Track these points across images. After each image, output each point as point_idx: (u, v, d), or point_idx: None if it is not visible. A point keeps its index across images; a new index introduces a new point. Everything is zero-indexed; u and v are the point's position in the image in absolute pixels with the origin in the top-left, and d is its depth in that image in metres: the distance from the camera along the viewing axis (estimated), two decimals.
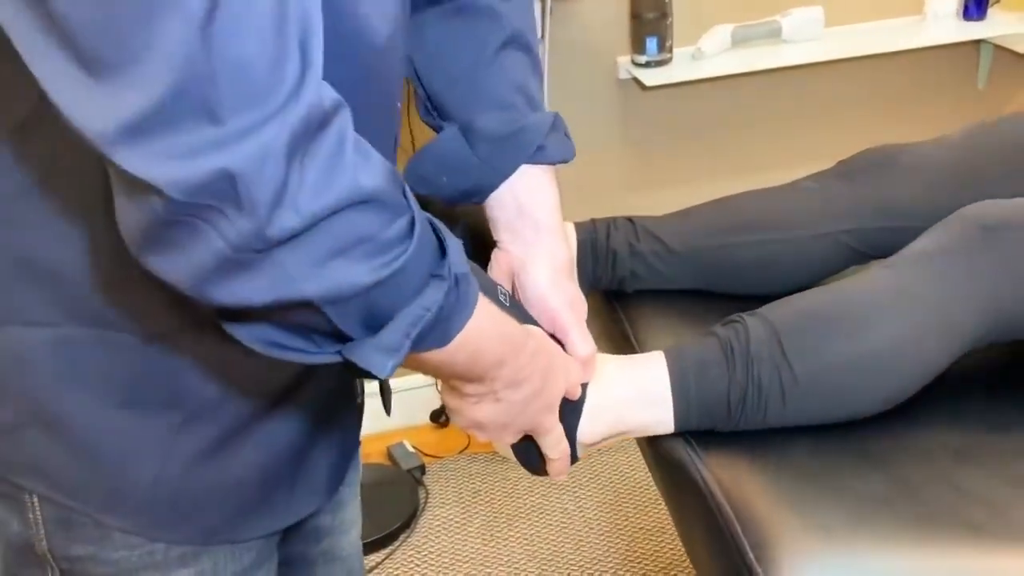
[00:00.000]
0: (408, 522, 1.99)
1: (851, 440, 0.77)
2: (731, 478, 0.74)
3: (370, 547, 1.92)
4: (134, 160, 0.43)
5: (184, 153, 0.43)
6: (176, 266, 0.48)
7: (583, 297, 0.80)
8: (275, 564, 0.82)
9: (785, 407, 0.76)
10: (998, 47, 2.03)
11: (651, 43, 1.84)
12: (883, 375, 0.76)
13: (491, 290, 0.73)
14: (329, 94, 0.47)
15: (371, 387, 0.82)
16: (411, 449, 2.15)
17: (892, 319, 0.76)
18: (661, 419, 0.78)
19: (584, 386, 0.77)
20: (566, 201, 0.82)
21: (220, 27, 0.41)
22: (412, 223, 0.52)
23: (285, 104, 0.44)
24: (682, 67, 1.87)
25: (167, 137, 0.42)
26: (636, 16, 1.85)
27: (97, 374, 0.65)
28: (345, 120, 0.48)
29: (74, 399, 0.66)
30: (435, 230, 0.56)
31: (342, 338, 0.55)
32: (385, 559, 1.91)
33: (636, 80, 1.91)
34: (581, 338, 0.76)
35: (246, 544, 0.76)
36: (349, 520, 0.96)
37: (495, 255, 0.81)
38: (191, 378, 0.66)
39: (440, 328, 0.57)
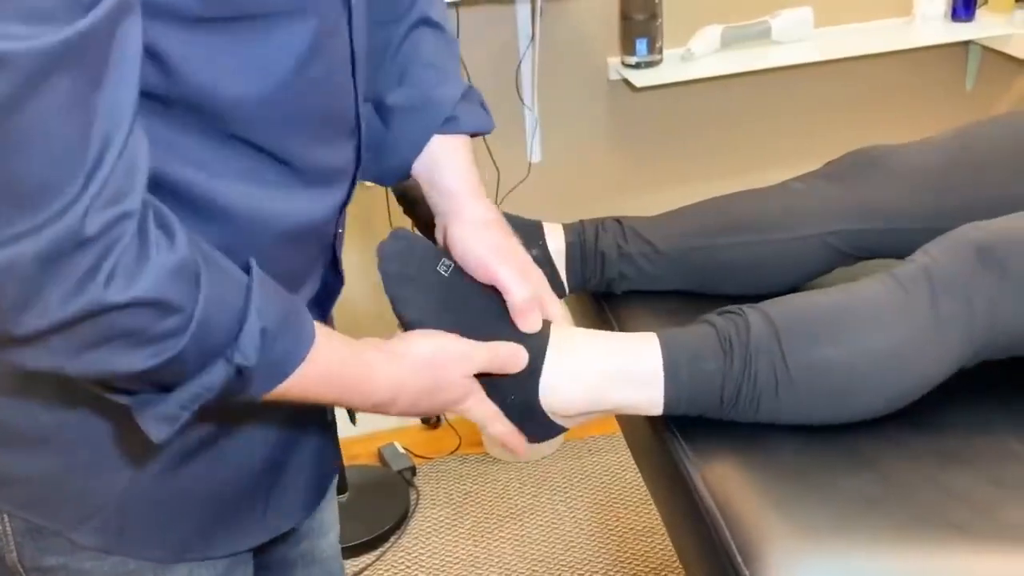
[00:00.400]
0: (399, 523, 1.98)
1: (839, 441, 0.77)
2: (719, 478, 0.74)
3: (360, 549, 1.91)
4: None
5: None
6: None
7: (517, 247, 0.81)
8: (250, 569, 0.82)
9: (778, 404, 0.76)
10: (986, 48, 2.04)
11: (641, 44, 1.84)
12: (875, 383, 0.77)
13: (424, 265, 0.76)
14: (106, 214, 0.49)
15: None
16: (402, 450, 2.15)
17: (891, 330, 0.76)
18: (650, 399, 0.77)
19: (539, 345, 0.76)
20: (555, 200, 0.82)
21: (4, 143, 0.45)
22: (188, 320, 0.54)
23: (42, 225, 0.47)
24: (672, 68, 1.87)
25: None
26: (626, 17, 1.85)
27: (62, 391, 0.65)
28: (119, 234, 0.50)
29: (38, 417, 0.66)
30: (244, 309, 0.57)
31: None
32: (376, 560, 1.91)
33: (626, 81, 1.92)
34: (514, 282, 0.76)
35: None
36: (327, 522, 0.96)
37: (436, 233, 0.82)
38: None
39: (240, 395, 0.59)
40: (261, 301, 0.58)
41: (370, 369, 0.67)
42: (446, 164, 0.79)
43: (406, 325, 0.77)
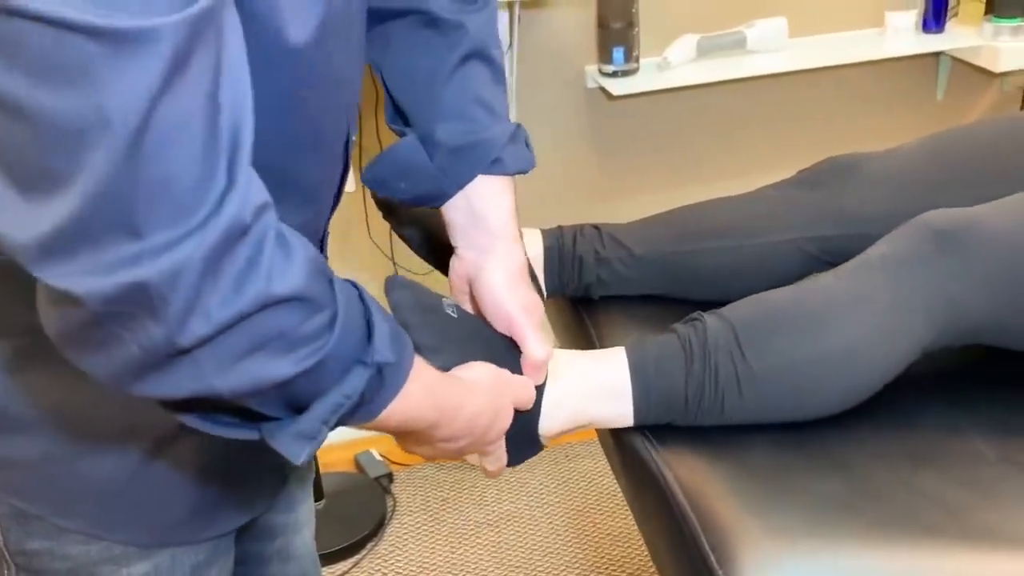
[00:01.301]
0: (375, 530, 1.98)
1: (811, 443, 0.78)
2: (693, 479, 0.75)
3: (337, 556, 1.90)
4: (53, 273, 0.44)
5: (102, 268, 0.44)
6: (95, 364, 0.49)
7: (540, 300, 0.81)
8: (231, 559, 0.82)
9: (742, 402, 0.77)
10: (956, 59, 2.07)
11: (618, 53, 1.85)
12: (838, 375, 0.78)
13: (436, 310, 0.75)
14: (253, 201, 0.47)
15: None
16: (378, 457, 2.14)
17: (847, 321, 0.77)
18: (621, 412, 0.79)
19: (540, 388, 0.78)
20: (534, 207, 0.83)
21: (148, 148, 0.42)
22: (333, 317, 0.53)
23: (204, 221, 0.45)
24: (648, 77, 1.88)
25: (86, 252, 0.44)
26: (603, 26, 1.86)
27: (47, 377, 0.65)
28: (266, 224, 0.48)
29: (22, 402, 0.66)
30: (366, 312, 0.57)
31: (264, 416, 0.56)
32: (352, 567, 1.90)
33: (603, 89, 1.93)
34: (537, 342, 0.77)
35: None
36: (302, 519, 0.97)
37: (453, 260, 0.82)
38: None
39: (364, 408, 0.58)
40: (374, 304, 0.58)
41: (458, 389, 0.68)
42: (491, 205, 0.79)
43: (420, 350, 0.77)
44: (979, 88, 2.18)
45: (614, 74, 1.87)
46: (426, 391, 0.63)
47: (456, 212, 0.79)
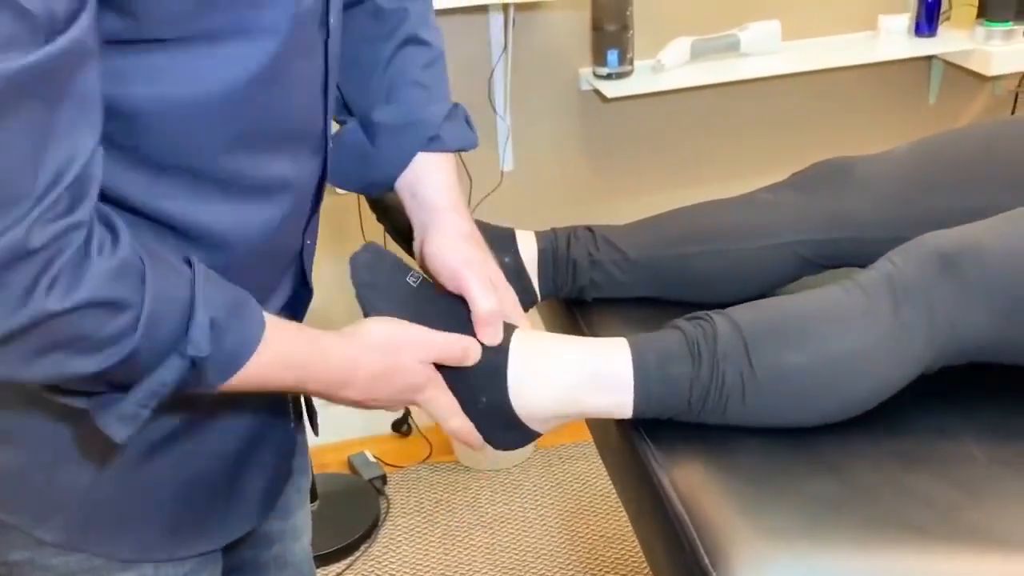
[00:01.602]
0: (369, 532, 1.98)
1: (804, 444, 0.78)
2: (687, 481, 0.75)
3: (330, 557, 1.90)
4: None
5: None
6: None
7: (488, 259, 0.82)
8: (218, 569, 0.82)
9: (744, 408, 0.78)
10: (948, 63, 2.08)
11: (612, 55, 1.86)
12: (839, 388, 0.78)
13: (394, 273, 0.77)
14: (52, 228, 0.50)
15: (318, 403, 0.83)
16: (372, 459, 2.14)
17: (854, 336, 0.78)
18: (620, 404, 0.79)
19: (501, 349, 0.77)
20: (528, 209, 0.83)
21: None
22: (137, 318, 0.55)
23: None
24: (642, 79, 1.89)
25: None
26: (598, 29, 1.87)
27: (22, 389, 0.65)
28: (64, 245, 0.51)
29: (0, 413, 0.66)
30: (192, 303, 0.58)
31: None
32: (345, 569, 1.90)
33: (597, 92, 1.93)
34: (481, 294, 0.77)
35: None
36: (299, 526, 0.97)
37: (414, 244, 0.84)
38: None
39: (189, 389, 0.60)
40: (207, 292, 0.59)
41: (324, 351, 0.68)
42: (428, 181, 0.81)
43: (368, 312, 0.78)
44: (971, 92, 2.19)
45: (608, 76, 1.88)
46: (278, 357, 0.64)
47: (403, 193, 0.82)
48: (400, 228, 0.93)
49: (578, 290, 1.00)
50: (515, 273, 0.98)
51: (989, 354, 0.81)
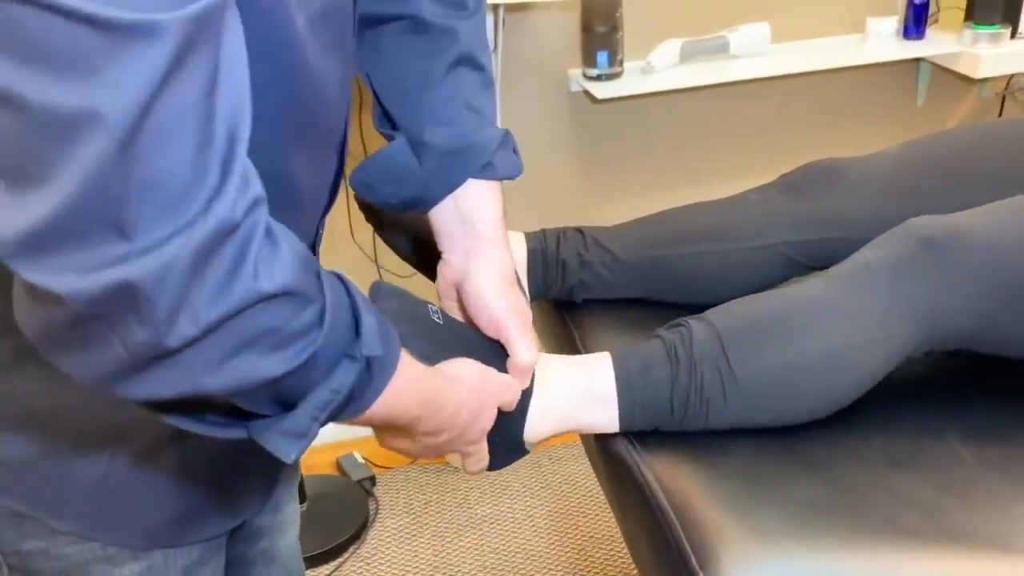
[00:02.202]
0: (358, 533, 1.97)
1: (791, 446, 0.78)
2: (674, 482, 0.75)
3: (319, 559, 1.90)
4: (34, 270, 0.43)
5: (86, 266, 0.43)
6: (77, 365, 0.48)
7: (527, 305, 0.82)
8: (223, 560, 0.83)
9: (727, 408, 0.78)
10: (936, 65, 2.09)
11: (602, 57, 1.86)
12: (823, 383, 0.78)
13: (421, 318, 0.74)
14: (245, 198, 0.46)
15: None
16: (361, 460, 2.14)
17: (831, 328, 0.78)
18: (607, 418, 0.80)
19: (526, 392, 0.78)
20: (517, 211, 0.83)
21: (140, 146, 0.41)
22: (322, 312, 0.52)
23: (193, 221, 0.43)
24: (632, 80, 1.89)
25: (70, 249, 0.42)
26: (587, 30, 1.87)
27: (41, 379, 0.64)
28: (255, 220, 0.47)
29: (16, 403, 0.66)
30: (353, 305, 0.56)
31: (252, 414, 0.55)
32: (334, 571, 1.89)
33: (587, 93, 1.93)
34: (525, 347, 0.77)
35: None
36: (287, 521, 0.97)
37: (441, 265, 0.82)
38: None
39: (352, 404, 0.58)
40: (360, 296, 0.57)
41: (441, 382, 0.67)
42: (481, 208, 0.79)
43: None
44: (958, 94, 2.20)
45: (598, 78, 1.88)
46: (411, 384, 0.62)
47: (444, 216, 0.79)
48: (417, 245, 0.93)
49: (567, 291, 1.00)
50: None
51: (975, 340, 0.81)
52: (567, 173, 2.07)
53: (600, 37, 1.85)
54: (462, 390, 0.69)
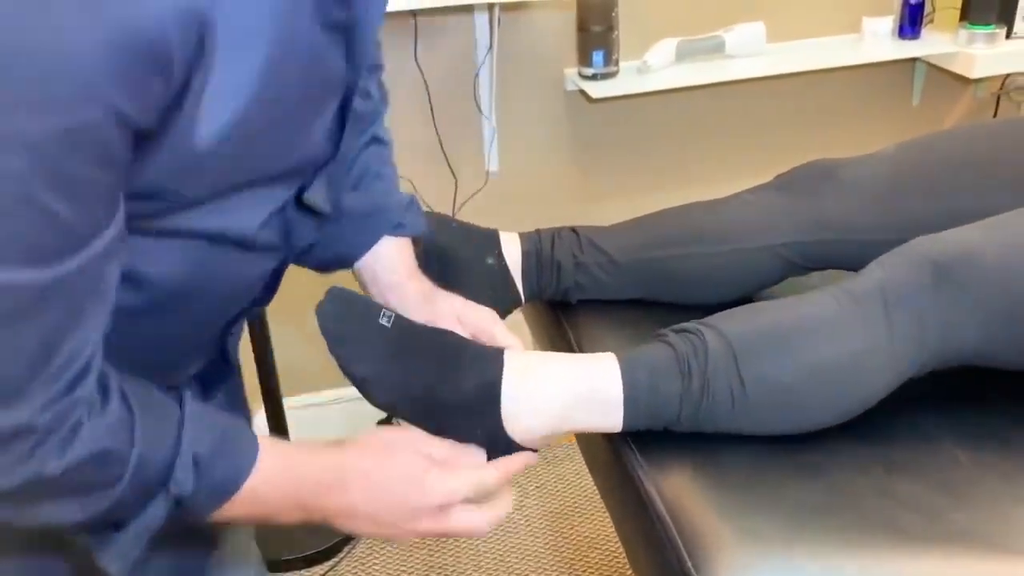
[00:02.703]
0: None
1: (788, 451, 0.78)
2: (671, 483, 0.75)
3: (313, 560, 1.89)
4: None
5: None
6: None
7: (447, 296, 0.87)
8: None
9: (732, 420, 0.78)
10: (931, 65, 2.09)
11: (598, 56, 1.86)
12: (827, 399, 0.78)
13: (366, 319, 0.78)
14: (53, 409, 0.55)
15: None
16: None
17: (845, 346, 0.77)
18: (609, 420, 0.79)
19: (494, 385, 0.77)
20: (513, 210, 0.83)
21: None
22: (124, 466, 0.59)
23: None
24: (628, 80, 1.89)
25: None
26: (583, 29, 1.86)
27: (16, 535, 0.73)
28: (61, 421, 0.55)
29: None
30: (177, 443, 0.62)
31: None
32: (328, 571, 1.89)
33: (583, 92, 1.93)
34: (503, 337, 0.83)
35: None
36: None
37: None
38: None
39: (185, 518, 0.64)
40: (194, 431, 0.63)
41: (313, 453, 0.70)
42: (390, 262, 0.88)
43: (359, 383, 0.77)
44: (954, 94, 2.20)
45: (594, 77, 1.88)
46: (273, 478, 0.66)
47: (364, 270, 0.88)
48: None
49: (562, 292, 1.00)
50: (499, 275, 0.97)
51: (978, 359, 0.81)
52: (562, 173, 2.06)
53: (596, 36, 1.85)
54: (366, 459, 0.71)
